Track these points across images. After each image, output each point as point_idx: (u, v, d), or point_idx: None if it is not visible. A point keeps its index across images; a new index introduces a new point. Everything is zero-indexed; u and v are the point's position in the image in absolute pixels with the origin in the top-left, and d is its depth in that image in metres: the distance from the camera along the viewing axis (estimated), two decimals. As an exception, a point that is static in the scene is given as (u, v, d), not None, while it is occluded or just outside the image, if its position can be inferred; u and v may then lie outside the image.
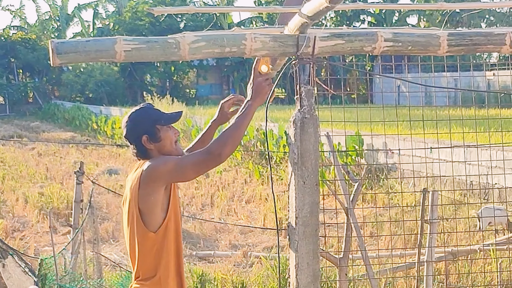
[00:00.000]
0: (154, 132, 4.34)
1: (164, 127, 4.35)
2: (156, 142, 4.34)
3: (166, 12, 4.86)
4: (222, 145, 4.03)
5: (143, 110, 4.44)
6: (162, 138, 4.34)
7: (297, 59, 4.27)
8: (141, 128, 4.34)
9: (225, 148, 4.03)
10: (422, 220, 7.09)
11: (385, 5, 44.44)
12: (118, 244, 13.32)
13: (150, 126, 4.34)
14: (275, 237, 12.66)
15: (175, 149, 4.38)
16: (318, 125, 4.29)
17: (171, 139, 4.39)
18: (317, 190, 4.28)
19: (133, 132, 4.37)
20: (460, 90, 6.77)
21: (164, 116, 4.39)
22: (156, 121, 4.35)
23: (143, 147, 4.35)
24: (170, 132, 4.38)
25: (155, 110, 4.43)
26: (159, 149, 4.35)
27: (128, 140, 4.42)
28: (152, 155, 4.34)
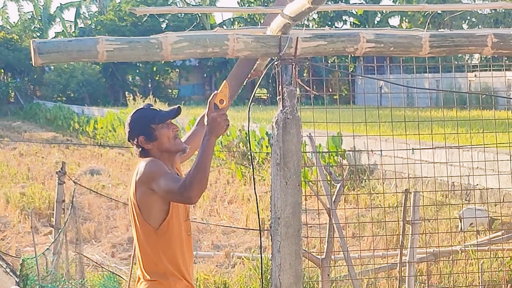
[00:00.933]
0: (150, 132, 4.44)
1: (159, 125, 4.44)
2: (152, 141, 4.45)
3: (148, 12, 4.86)
4: (190, 189, 4.08)
5: (138, 112, 4.57)
6: (158, 136, 4.44)
7: (280, 60, 4.27)
8: (137, 130, 4.48)
9: (192, 192, 4.08)
10: (404, 221, 7.11)
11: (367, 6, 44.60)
12: (100, 244, 13.29)
13: (145, 126, 4.45)
14: (257, 238, 12.66)
15: (174, 144, 4.49)
16: (301, 126, 4.29)
17: (169, 136, 4.47)
18: (299, 190, 4.28)
19: (131, 134, 4.51)
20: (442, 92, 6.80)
21: (159, 115, 4.47)
22: (150, 120, 4.46)
23: (142, 147, 4.47)
24: (167, 129, 4.47)
25: (151, 110, 4.53)
26: (158, 147, 4.47)
27: (131, 143, 4.56)
28: (152, 154, 4.46)
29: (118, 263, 11.95)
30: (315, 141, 7.46)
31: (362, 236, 11.81)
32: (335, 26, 58.35)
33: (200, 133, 4.92)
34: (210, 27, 59.04)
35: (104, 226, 14.53)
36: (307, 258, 6.69)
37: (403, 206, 7.09)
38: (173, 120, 4.59)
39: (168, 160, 4.49)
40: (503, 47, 4.56)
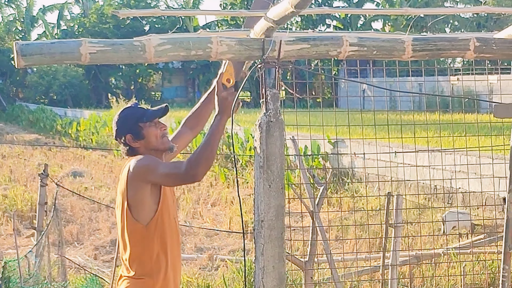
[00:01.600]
0: (137, 130, 4.47)
1: (147, 124, 4.45)
2: (140, 139, 4.48)
3: (131, 15, 4.86)
4: (196, 166, 4.11)
5: (126, 110, 4.60)
6: (146, 135, 4.46)
7: (263, 63, 4.27)
8: (125, 128, 4.49)
9: (199, 169, 4.12)
10: (386, 224, 7.14)
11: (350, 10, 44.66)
12: (82, 247, 13.25)
13: (133, 125, 4.47)
14: (240, 240, 12.66)
15: (161, 143, 4.51)
16: (284, 128, 4.29)
17: (156, 134, 4.49)
18: (282, 193, 4.29)
19: (118, 133, 4.52)
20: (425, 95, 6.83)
21: (147, 113, 4.50)
22: (138, 119, 4.48)
23: (129, 146, 4.48)
24: (155, 128, 4.48)
25: (139, 109, 4.56)
26: (146, 146, 4.49)
27: (118, 141, 4.56)
28: (140, 153, 4.48)
29: (101, 265, 11.92)
30: (298, 144, 7.47)
31: (345, 239, 11.82)
32: (318, 29, 58.43)
33: (186, 134, 4.93)
34: (194, 30, 59.07)
35: (87, 229, 14.49)
36: (290, 260, 6.70)
37: (385, 209, 7.11)
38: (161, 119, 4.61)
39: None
40: (485, 51, 4.58)
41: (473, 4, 51.09)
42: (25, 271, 8.69)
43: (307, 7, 3.70)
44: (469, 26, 50.03)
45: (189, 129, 4.92)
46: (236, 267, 10.55)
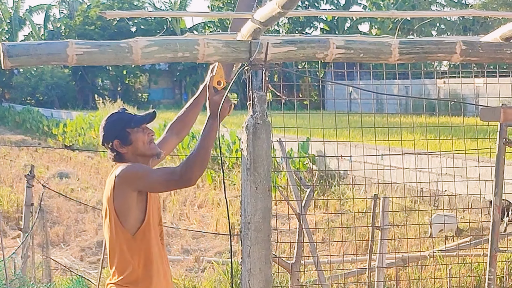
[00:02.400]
0: (125, 136, 4.43)
1: (134, 129, 4.43)
2: (127, 145, 4.44)
3: (118, 16, 4.85)
4: (190, 170, 4.10)
5: (113, 116, 4.55)
6: (133, 140, 4.43)
7: (250, 65, 4.27)
8: (112, 134, 4.45)
9: (193, 173, 4.11)
10: (373, 226, 7.15)
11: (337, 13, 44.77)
12: (69, 248, 13.22)
13: (120, 130, 4.44)
14: (227, 242, 12.65)
15: (149, 149, 4.48)
16: (271, 131, 4.30)
17: (144, 140, 4.46)
18: (269, 195, 4.29)
19: (105, 138, 4.49)
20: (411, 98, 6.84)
21: (134, 119, 4.47)
22: (126, 124, 4.45)
23: (117, 151, 4.45)
24: (142, 133, 4.46)
25: (126, 114, 4.52)
26: (133, 151, 4.46)
27: (105, 147, 4.52)
28: (127, 158, 4.45)
29: (87, 266, 11.89)
30: (285, 146, 7.48)
31: (332, 241, 11.84)
32: (306, 31, 58.50)
33: (172, 139, 4.92)
34: (180, 31, 59.04)
35: (73, 230, 14.46)
36: (277, 262, 6.70)
37: (372, 212, 7.13)
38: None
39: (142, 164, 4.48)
40: (471, 55, 4.60)
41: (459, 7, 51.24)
42: (11, 272, 8.67)
43: (294, 8, 3.70)
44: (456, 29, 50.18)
45: (174, 134, 4.91)
46: (223, 269, 10.55)
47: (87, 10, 65.89)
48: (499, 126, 5.31)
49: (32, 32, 72.28)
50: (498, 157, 5.36)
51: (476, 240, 9.64)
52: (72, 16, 69.29)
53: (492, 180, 5.37)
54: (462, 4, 52.23)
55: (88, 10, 65.51)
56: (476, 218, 13.28)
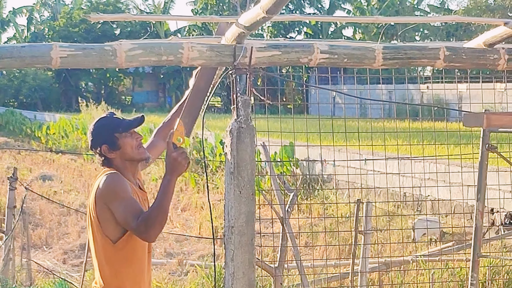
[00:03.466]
0: (113, 141, 4.40)
1: (123, 134, 4.39)
2: (116, 150, 4.42)
3: (102, 19, 4.84)
4: (149, 228, 4.09)
5: (101, 121, 4.52)
6: (122, 145, 4.40)
7: (234, 69, 4.28)
8: (100, 139, 4.43)
9: (152, 231, 4.10)
10: (356, 230, 7.16)
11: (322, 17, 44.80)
12: (51, 251, 13.16)
13: (109, 135, 4.41)
14: (210, 246, 12.64)
15: (138, 154, 4.46)
16: (255, 135, 4.30)
17: (132, 145, 4.43)
18: (253, 199, 4.29)
19: (94, 143, 4.46)
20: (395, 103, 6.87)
21: (122, 124, 4.44)
22: (114, 129, 4.41)
23: (105, 156, 4.43)
24: (130, 138, 4.43)
25: (114, 119, 4.49)
26: (121, 156, 4.44)
27: (93, 152, 4.50)
28: (116, 163, 4.43)
29: (70, 269, 11.84)
30: (269, 150, 7.48)
31: (315, 245, 11.84)
32: (290, 36, 58.60)
33: (159, 144, 4.91)
34: (164, 34, 58.99)
35: (56, 233, 14.39)
36: (260, 266, 6.71)
37: (355, 216, 7.14)
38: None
39: (130, 169, 4.46)
40: (455, 60, 4.62)
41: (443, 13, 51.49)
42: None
43: (278, 13, 3.71)
44: (439, 35, 50.41)
45: (161, 139, 4.89)
46: (206, 273, 10.54)
47: (70, 12, 65.73)
48: (482, 132, 5.33)
49: (15, 34, 72.04)
50: (481, 163, 5.38)
51: (459, 245, 9.67)
52: (55, 18, 69.09)
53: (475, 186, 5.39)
54: (446, 10, 52.50)
55: (71, 12, 65.36)
56: (459, 223, 13.32)
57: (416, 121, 14.29)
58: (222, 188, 17.73)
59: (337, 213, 13.97)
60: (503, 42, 4.71)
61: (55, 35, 62.01)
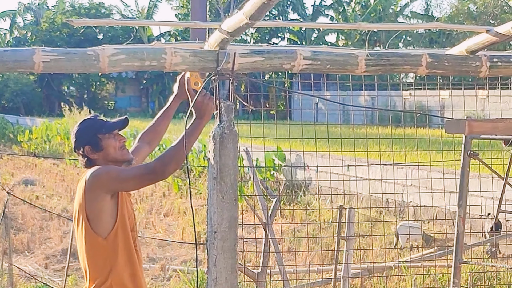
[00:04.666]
0: (96, 142, 4.45)
1: (106, 135, 4.43)
2: (98, 151, 4.46)
3: (85, 24, 4.83)
4: (166, 164, 4.11)
5: (85, 122, 4.57)
6: (105, 146, 4.44)
7: (217, 75, 4.28)
8: (83, 139, 4.47)
9: (169, 167, 4.13)
10: (338, 236, 7.17)
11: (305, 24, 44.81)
12: (33, 255, 13.11)
13: (92, 136, 4.45)
14: (193, 251, 12.62)
15: (121, 155, 4.49)
16: (238, 140, 4.30)
17: (115, 146, 4.47)
18: (236, 205, 4.29)
19: (77, 144, 4.50)
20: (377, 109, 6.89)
21: (106, 125, 4.48)
22: (97, 130, 4.47)
23: (88, 157, 4.47)
24: (113, 139, 4.46)
25: (98, 120, 4.55)
26: (104, 157, 4.48)
27: (76, 153, 4.53)
28: (98, 164, 4.45)
29: (52, 274, 11.80)
30: (252, 156, 7.49)
31: (298, 251, 11.86)
32: (273, 41, 58.65)
33: (144, 148, 4.92)
34: (147, 39, 58.91)
35: (38, 237, 14.34)
36: (243, 272, 6.70)
37: (338, 222, 7.15)
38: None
39: None
40: (437, 67, 4.64)
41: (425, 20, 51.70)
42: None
43: (261, 19, 3.72)
44: (422, 42, 50.62)
45: (146, 143, 4.91)
46: (188, 278, 10.54)
47: (53, 16, 65.59)
48: (464, 139, 5.36)
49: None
50: (462, 169, 5.41)
51: (441, 251, 9.71)
52: (38, 23, 68.89)
53: (457, 192, 5.42)
54: (429, 17, 52.72)
55: (54, 17, 65.21)
56: (441, 230, 13.37)
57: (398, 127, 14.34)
58: (205, 193, 17.71)
59: (319, 219, 14.00)
60: (485, 49, 4.73)
61: (38, 40, 61.85)
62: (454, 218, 5.70)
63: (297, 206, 16.62)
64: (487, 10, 45.13)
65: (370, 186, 13.61)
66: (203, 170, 20.66)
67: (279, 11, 60.70)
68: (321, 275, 9.79)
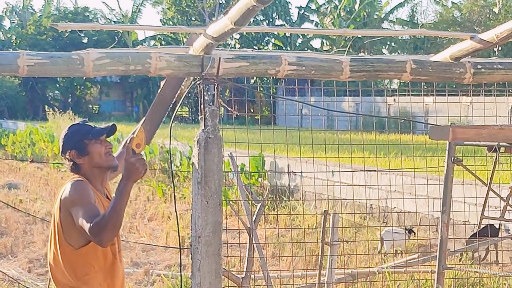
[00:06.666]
0: (82, 147, 4.46)
1: (92, 141, 4.44)
2: (84, 156, 4.46)
3: (70, 28, 4.82)
4: (102, 231, 4.03)
5: (73, 127, 4.59)
6: (90, 151, 4.46)
7: (202, 80, 4.29)
8: (70, 144, 4.49)
9: (105, 234, 4.04)
10: (323, 242, 7.18)
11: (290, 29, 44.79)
12: (16, 259, 13.04)
13: (78, 141, 4.47)
14: (177, 256, 12.60)
15: (106, 161, 4.51)
16: (222, 145, 4.31)
17: (101, 152, 4.48)
18: (220, 210, 4.30)
19: (64, 148, 4.52)
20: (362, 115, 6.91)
21: (93, 131, 4.49)
22: (84, 135, 4.48)
23: (74, 162, 4.48)
24: (100, 145, 4.47)
25: (85, 126, 4.57)
26: (89, 163, 4.48)
27: (63, 157, 4.55)
28: (84, 169, 4.48)
29: (35, 278, 11.74)
30: (236, 161, 7.49)
31: (282, 256, 11.86)
32: (258, 47, 58.66)
33: None
34: (132, 43, 58.87)
35: (21, 241, 14.27)
36: (227, 277, 6.70)
37: (322, 227, 7.16)
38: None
39: (98, 176, 4.50)
40: (421, 73, 4.67)
41: (410, 26, 51.83)
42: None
43: (246, 25, 3.73)
44: (406, 48, 50.76)
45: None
46: (172, 283, 10.51)
47: (39, 20, 65.44)
48: (448, 145, 5.38)
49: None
50: (446, 175, 5.43)
51: (424, 257, 9.73)
52: (23, 26, 68.70)
53: (440, 198, 5.43)
54: (413, 24, 52.88)
55: (40, 20, 65.06)
56: (425, 235, 13.40)
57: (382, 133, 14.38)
58: (189, 198, 17.70)
59: (304, 224, 14.00)
60: (470, 56, 4.76)
61: (23, 43, 61.67)
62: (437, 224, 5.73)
63: (282, 211, 16.62)
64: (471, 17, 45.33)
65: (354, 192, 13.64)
66: (188, 175, 20.63)
67: (265, 17, 60.76)
68: (305, 280, 9.80)
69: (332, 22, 56.77)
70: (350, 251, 11.96)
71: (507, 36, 4.26)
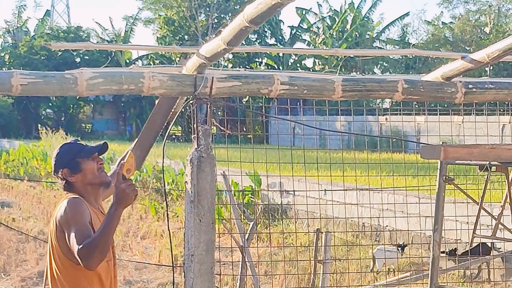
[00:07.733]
0: (74, 165, 4.46)
1: (84, 159, 4.44)
2: (77, 173, 4.46)
3: (63, 48, 4.86)
4: (90, 255, 4.02)
5: (65, 146, 4.61)
6: (83, 169, 4.46)
7: (195, 99, 4.31)
8: (62, 162, 4.49)
9: (92, 258, 4.04)
10: (315, 260, 7.20)
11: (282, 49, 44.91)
12: (9, 278, 13.02)
13: (70, 159, 4.47)
14: (170, 274, 12.58)
15: (98, 177, 4.51)
16: (215, 164, 4.33)
17: (93, 169, 4.49)
18: (213, 228, 4.31)
19: (56, 167, 4.53)
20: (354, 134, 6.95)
21: (85, 149, 4.51)
22: (76, 154, 4.48)
23: (66, 180, 4.49)
24: (92, 162, 4.47)
25: (77, 145, 4.60)
26: (82, 180, 4.48)
27: (55, 176, 4.55)
28: (77, 187, 4.48)
29: (27, 298, 11.73)
30: (229, 180, 7.51)
31: (275, 274, 11.85)
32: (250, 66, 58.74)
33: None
34: (125, 63, 58.93)
35: (14, 260, 14.24)
36: (218, 296, 6.71)
37: (314, 246, 7.18)
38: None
39: (92, 193, 4.50)
40: (413, 93, 4.70)
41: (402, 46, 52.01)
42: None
43: (239, 45, 3.76)
44: (398, 67, 50.91)
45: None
46: (165, 302, 10.50)
47: (32, 40, 65.47)
48: (440, 164, 5.41)
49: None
50: (438, 194, 5.46)
51: (416, 275, 9.74)
52: (16, 46, 68.70)
53: (432, 217, 5.46)
54: (405, 43, 53.06)
55: (32, 40, 65.09)
56: (417, 254, 13.41)
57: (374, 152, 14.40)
58: (182, 216, 17.69)
59: (296, 242, 13.99)
60: (461, 75, 4.79)
61: (16, 63, 61.66)
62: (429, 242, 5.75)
63: (274, 230, 16.61)
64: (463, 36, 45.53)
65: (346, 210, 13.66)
66: (181, 194, 20.63)
67: (257, 36, 60.87)
68: (298, 299, 9.80)
69: (324, 41, 56.92)
70: (343, 269, 11.96)
71: (498, 56, 4.30)
